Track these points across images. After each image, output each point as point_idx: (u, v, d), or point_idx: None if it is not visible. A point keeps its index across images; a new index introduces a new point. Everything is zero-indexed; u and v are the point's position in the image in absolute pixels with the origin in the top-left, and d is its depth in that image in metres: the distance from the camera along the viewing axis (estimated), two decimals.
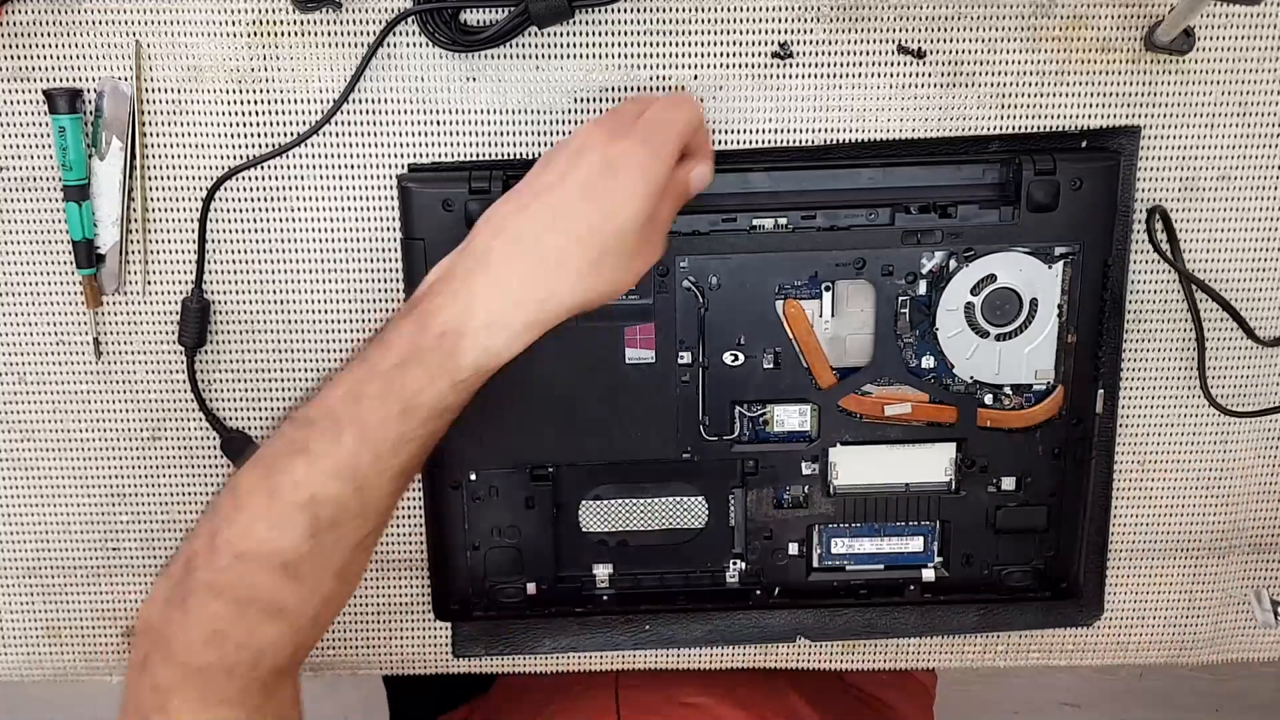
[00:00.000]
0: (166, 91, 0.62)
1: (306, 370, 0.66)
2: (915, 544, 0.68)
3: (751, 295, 0.63)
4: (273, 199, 0.64)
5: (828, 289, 0.63)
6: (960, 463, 0.66)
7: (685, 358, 0.64)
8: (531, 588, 0.68)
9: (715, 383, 0.64)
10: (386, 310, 0.65)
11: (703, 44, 0.62)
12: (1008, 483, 0.66)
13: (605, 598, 0.68)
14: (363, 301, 0.65)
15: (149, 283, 0.65)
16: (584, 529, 0.67)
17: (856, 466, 0.66)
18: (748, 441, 0.66)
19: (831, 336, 0.64)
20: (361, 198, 0.64)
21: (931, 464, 0.66)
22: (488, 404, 0.63)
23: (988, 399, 0.65)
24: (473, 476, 0.66)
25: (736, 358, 0.64)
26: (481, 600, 0.68)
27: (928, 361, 0.65)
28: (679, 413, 0.65)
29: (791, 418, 0.65)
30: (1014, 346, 0.64)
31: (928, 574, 0.68)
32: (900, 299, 0.63)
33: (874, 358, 0.64)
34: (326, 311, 0.65)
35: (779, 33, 0.62)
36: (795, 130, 0.63)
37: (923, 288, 0.63)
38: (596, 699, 0.75)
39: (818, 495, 0.67)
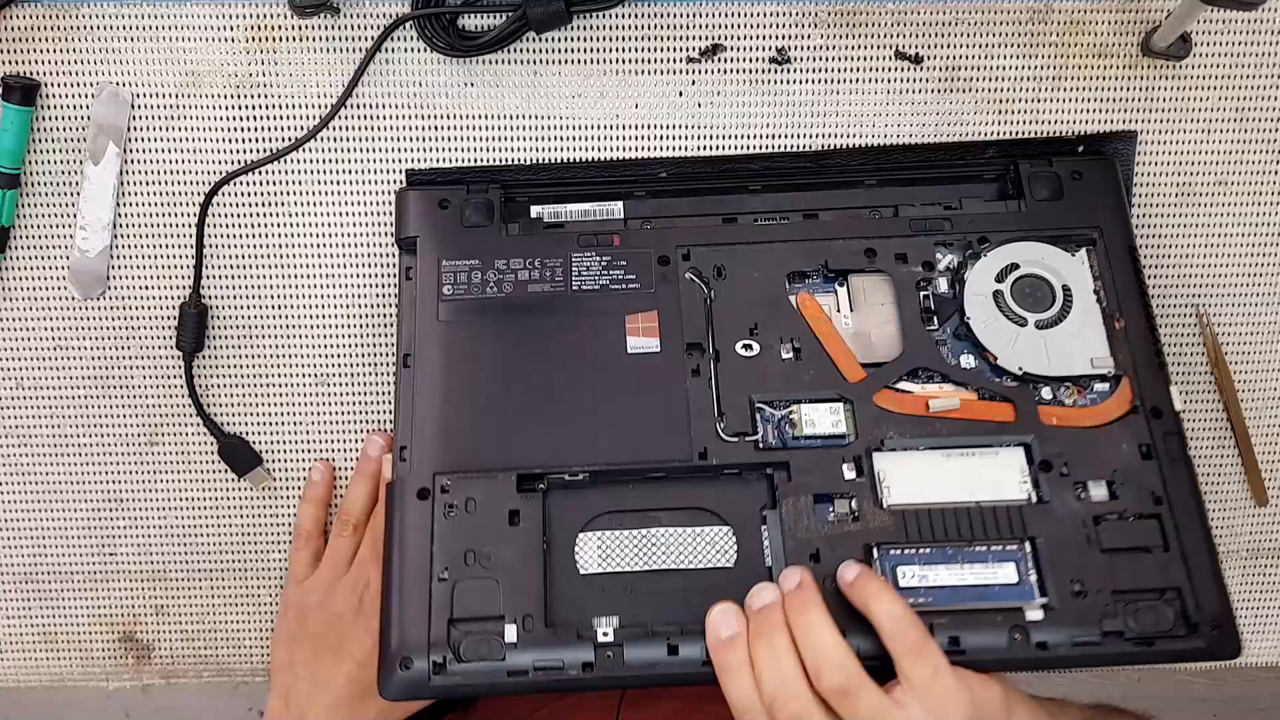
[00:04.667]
0: (164, 96, 0.62)
1: (304, 375, 0.66)
2: (1006, 572, 0.53)
3: (760, 282, 0.59)
4: (271, 204, 0.64)
5: (841, 284, 0.60)
6: (1036, 468, 0.56)
7: (694, 346, 0.58)
8: (512, 632, 0.52)
9: (730, 375, 0.57)
10: (384, 314, 0.65)
11: (700, 49, 0.62)
12: (1097, 490, 0.55)
13: (610, 655, 0.52)
14: (360, 306, 0.65)
15: (146, 287, 0.65)
16: (582, 571, 0.54)
17: (909, 474, 0.56)
18: (776, 447, 0.56)
19: (855, 332, 0.59)
20: (359, 202, 0.64)
21: (999, 471, 0.56)
22: (464, 397, 0.56)
23: (1045, 393, 0.58)
24: (445, 484, 0.55)
25: (750, 347, 0.58)
26: (443, 657, 0.52)
27: (967, 361, 0.58)
28: (690, 409, 0.56)
29: (822, 417, 0.57)
30: (1058, 335, 0.58)
31: (1033, 614, 0.53)
32: (922, 294, 0.59)
33: (904, 349, 0.58)
34: (324, 316, 0.65)
35: (777, 38, 0.62)
36: (793, 135, 0.63)
37: (944, 285, 0.60)
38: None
39: (870, 507, 0.55)
